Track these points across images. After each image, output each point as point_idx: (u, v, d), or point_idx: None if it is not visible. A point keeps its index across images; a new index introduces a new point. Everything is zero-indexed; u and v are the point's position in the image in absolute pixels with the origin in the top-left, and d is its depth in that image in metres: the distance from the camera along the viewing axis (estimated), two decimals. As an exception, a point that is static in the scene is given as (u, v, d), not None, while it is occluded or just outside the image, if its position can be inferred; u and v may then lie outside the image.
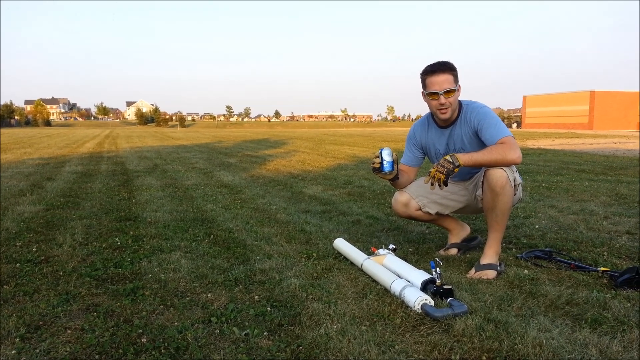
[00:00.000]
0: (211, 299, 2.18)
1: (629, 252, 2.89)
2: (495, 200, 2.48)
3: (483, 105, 2.64)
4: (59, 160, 10.10)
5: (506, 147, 2.43)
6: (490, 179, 2.47)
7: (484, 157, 2.42)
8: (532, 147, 14.99)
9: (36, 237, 3.34)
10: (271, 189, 5.73)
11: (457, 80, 2.58)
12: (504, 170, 2.44)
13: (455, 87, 2.55)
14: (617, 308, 2.02)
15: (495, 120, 2.54)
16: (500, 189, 2.44)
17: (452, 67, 2.58)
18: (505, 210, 2.50)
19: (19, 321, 1.94)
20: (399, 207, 2.84)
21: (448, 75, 2.53)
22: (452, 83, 2.53)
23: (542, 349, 1.67)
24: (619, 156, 10.72)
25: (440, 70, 2.54)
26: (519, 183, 2.58)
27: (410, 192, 2.82)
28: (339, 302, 2.13)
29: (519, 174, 2.71)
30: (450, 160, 2.36)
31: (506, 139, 2.47)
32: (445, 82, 2.53)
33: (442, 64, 2.57)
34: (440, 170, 2.35)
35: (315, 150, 13.19)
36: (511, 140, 2.47)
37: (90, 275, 2.51)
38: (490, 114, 2.58)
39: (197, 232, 3.49)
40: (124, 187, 5.92)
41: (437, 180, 2.36)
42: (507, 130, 2.52)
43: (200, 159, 10.72)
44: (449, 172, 2.35)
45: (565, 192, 5.29)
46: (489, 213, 2.55)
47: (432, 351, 1.68)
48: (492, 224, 2.55)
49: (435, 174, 2.36)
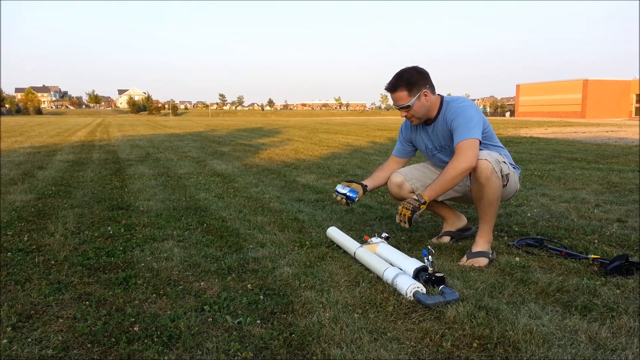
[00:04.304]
0: (204, 288, 2.18)
1: (619, 239, 2.92)
2: (481, 191, 2.50)
3: (463, 103, 2.60)
4: (50, 149, 10.01)
5: (455, 159, 2.45)
6: (475, 171, 2.49)
7: (442, 183, 2.45)
8: (525, 135, 15.03)
9: (27, 226, 3.32)
10: (264, 178, 5.72)
11: (416, 90, 2.56)
12: (488, 161, 2.45)
13: (410, 102, 2.56)
14: (607, 295, 2.05)
15: (464, 120, 2.51)
16: (485, 180, 2.46)
17: (407, 81, 2.56)
18: (492, 201, 2.51)
19: (10, 310, 1.93)
20: (392, 187, 2.87)
21: (400, 92, 2.57)
22: (406, 99, 2.57)
23: (533, 335, 1.68)
24: (611, 144, 10.78)
25: (393, 89, 2.59)
26: (507, 173, 2.55)
27: (404, 174, 2.85)
28: (332, 290, 2.13)
29: (513, 164, 2.72)
30: (416, 199, 2.42)
31: (461, 144, 2.46)
32: (398, 99, 2.59)
33: (393, 83, 2.58)
34: (407, 207, 2.40)
35: (309, 139, 13.16)
36: (464, 145, 2.45)
37: (82, 264, 2.50)
38: (464, 113, 2.54)
39: (190, 220, 3.48)
40: (116, 176, 5.88)
41: (403, 217, 2.39)
42: (470, 131, 2.48)
43: (193, 147, 10.67)
44: (414, 209, 2.39)
45: (557, 181, 5.32)
46: (478, 203, 2.58)
47: (424, 338, 1.70)
48: (481, 214, 2.58)
49: (402, 210, 2.41)
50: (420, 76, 2.59)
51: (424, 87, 2.58)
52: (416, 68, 2.62)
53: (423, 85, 2.58)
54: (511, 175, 2.63)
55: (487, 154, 2.50)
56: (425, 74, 2.61)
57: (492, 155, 2.51)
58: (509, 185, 2.63)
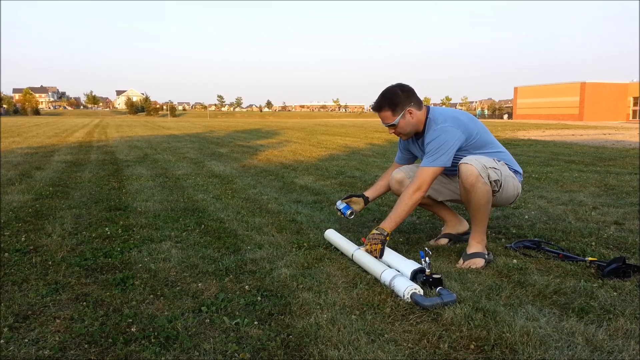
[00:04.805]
0: (201, 289, 2.18)
1: (616, 242, 2.92)
2: (468, 197, 2.52)
3: (442, 124, 2.59)
4: (47, 150, 10.00)
5: (410, 186, 2.55)
6: (460, 176, 2.51)
7: (397, 214, 2.52)
8: (523, 138, 15.06)
9: (25, 226, 3.31)
10: (262, 179, 5.72)
11: (400, 109, 2.61)
12: (473, 166, 2.46)
13: (395, 121, 2.63)
14: (604, 297, 2.05)
15: (435, 146, 2.54)
16: (470, 186, 2.47)
17: (390, 101, 2.62)
18: (479, 207, 2.52)
19: (7, 311, 1.93)
20: (393, 183, 2.92)
21: (385, 112, 2.64)
22: (390, 118, 2.64)
23: (530, 337, 1.69)
24: (609, 147, 10.81)
25: (378, 108, 2.68)
26: (495, 179, 2.51)
27: (406, 171, 2.89)
28: (329, 291, 2.13)
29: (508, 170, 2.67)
30: (378, 232, 2.48)
31: (421, 170, 2.55)
32: (384, 118, 2.67)
33: (378, 103, 2.66)
34: (375, 242, 2.44)
35: (307, 141, 13.16)
36: (420, 172, 2.54)
37: (79, 264, 2.49)
38: (438, 139, 2.54)
39: (188, 222, 3.48)
40: (113, 177, 5.88)
41: (374, 252, 2.42)
42: (435, 160, 2.53)
43: (191, 148, 10.66)
44: (383, 241, 2.44)
45: (554, 183, 5.33)
46: (467, 207, 2.61)
47: (421, 340, 1.70)
48: (472, 217, 2.60)
49: (371, 247, 2.45)
50: (404, 95, 2.62)
51: (408, 105, 2.61)
52: (400, 86, 2.66)
53: (407, 104, 2.61)
54: (506, 181, 2.59)
55: (475, 160, 2.49)
56: (409, 91, 2.64)
57: (479, 161, 2.49)
58: (504, 191, 2.60)
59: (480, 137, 2.65)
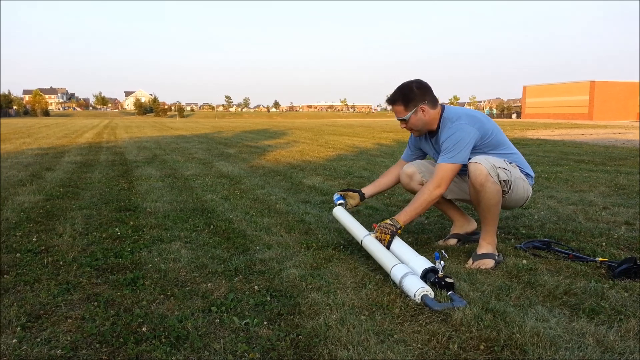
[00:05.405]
0: (211, 289, 2.19)
1: (627, 242, 2.90)
2: (477, 197, 2.51)
3: (457, 121, 2.59)
4: (58, 151, 10.08)
5: (430, 183, 2.55)
6: (470, 176, 2.50)
7: (416, 207, 2.53)
8: (532, 137, 14.97)
9: (36, 227, 3.34)
10: (271, 180, 5.73)
11: (413, 105, 2.61)
12: (483, 165, 2.45)
13: (406, 116, 2.64)
14: (615, 298, 2.04)
15: (451, 143, 2.54)
16: (480, 186, 2.46)
17: (404, 96, 2.63)
18: (489, 207, 2.50)
19: (19, 310, 1.95)
20: (404, 177, 2.92)
21: (397, 106, 2.66)
22: (402, 112, 2.65)
23: (540, 338, 1.68)
24: (619, 147, 10.72)
25: (392, 102, 2.70)
26: (505, 179, 2.49)
27: (417, 166, 2.89)
28: (338, 291, 2.14)
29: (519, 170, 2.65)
30: (391, 223, 2.50)
31: (439, 166, 2.54)
32: (397, 113, 2.69)
33: (392, 96, 2.68)
34: (385, 232, 2.47)
35: (315, 141, 13.17)
36: (440, 168, 2.53)
37: (90, 265, 2.51)
38: (454, 136, 2.55)
39: (197, 222, 3.49)
40: (123, 178, 5.92)
41: (382, 241, 2.45)
42: (453, 156, 2.52)
43: (200, 149, 10.71)
44: (392, 233, 2.47)
45: (564, 183, 5.29)
46: (477, 207, 2.59)
47: (431, 340, 1.70)
48: (482, 217, 2.59)
49: (380, 235, 2.47)
50: (419, 91, 2.62)
51: (422, 102, 2.61)
52: (417, 82, 2.66)
53: (421, 101, 2.61)
54: (516, 183, 2.57)
55: (484, 159, 2.48)
56: (425, 89, 2.64)
57: (489, 160, 2.48)
58: (513, 193, 2.57)
59: (495, 137, 2.65)
